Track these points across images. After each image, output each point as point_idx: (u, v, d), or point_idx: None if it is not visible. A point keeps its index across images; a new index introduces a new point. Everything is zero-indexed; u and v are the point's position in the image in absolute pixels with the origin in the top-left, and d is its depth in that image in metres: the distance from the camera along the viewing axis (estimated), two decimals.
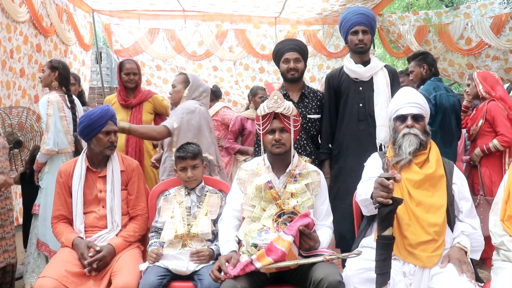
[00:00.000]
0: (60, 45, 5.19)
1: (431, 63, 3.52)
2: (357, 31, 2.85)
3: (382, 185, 1.77)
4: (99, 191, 2.50)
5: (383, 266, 1.79)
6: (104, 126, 2.48)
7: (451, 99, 3.43)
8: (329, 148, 2.97)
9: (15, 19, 4.19)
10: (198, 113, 2.94)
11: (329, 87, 2.99)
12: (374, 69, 2.86)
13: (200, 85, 3.11)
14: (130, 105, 3.64)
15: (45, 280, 2.10)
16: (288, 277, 2.10)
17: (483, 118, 3.57)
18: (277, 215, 2.18)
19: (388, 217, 1.79)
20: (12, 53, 4.21)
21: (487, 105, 3.57)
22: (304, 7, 6.09)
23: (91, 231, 2.46)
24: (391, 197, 1.77)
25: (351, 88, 2.90)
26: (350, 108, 2.89)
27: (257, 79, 6.65)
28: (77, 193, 2.47)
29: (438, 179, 2.19)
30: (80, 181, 2.49)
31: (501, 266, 2.01)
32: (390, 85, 2.86)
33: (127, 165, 2.60)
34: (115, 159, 2.58)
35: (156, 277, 2.15)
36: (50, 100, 3.14)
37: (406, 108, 2.25)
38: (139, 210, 2.57)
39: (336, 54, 6.78)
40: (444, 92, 3.42)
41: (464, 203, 2.19)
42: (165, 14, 6.40)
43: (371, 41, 2.92)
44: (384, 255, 1.79)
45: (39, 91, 4.83)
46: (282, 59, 2.93)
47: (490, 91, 3.61)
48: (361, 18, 2.85)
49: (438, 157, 2.25)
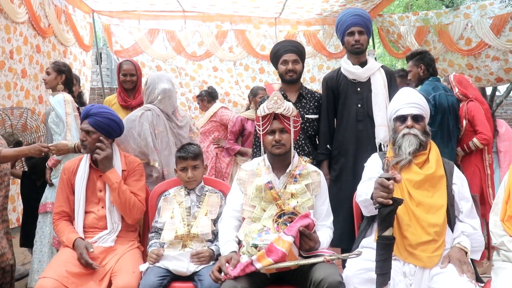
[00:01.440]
0: (59, 46, 5.20)
1: (429, 63, 3.53)
2: (353, 32, 2.87)
3: (382, 185, 1.77)
4: (99, 190, 2.50)
5: (383, 267, 1.79)
6: (81, 124, 2.54)
7: (450, 98, 3.44)
8: (327, 148, 2.98)
9: (14, 20, 4.19)
10: (138, 121, 2.83)
11: (327, 88, 3.01)
12: (371, 70, 2.89)
13: (155, 88, 2.94)
14: (130, 106, 3.64)
15: (45, 281, 2.10)
16: (288, 278, 2.10)
17: (465, 119, 3.59)
18: (277, 215, 2.18)
19: (389, 218, 1.79)
20: (12, 53, 4.21)
21: (467, 105, 3.60)
22: (304, 7, 6.10)
23: (91, 231, 2.45)
24: (391, 197, 1.77)
25: (349, 89, 2.92)
26: (348, 109, 2.91)
27: (257, 80, 6.65)
28: (80, 191, 2.47)
29: (438, 180, 2.19)
30: (83, 179, 2.49)
31: (502, 266, 2.02)
32: (388, 86, 2.88)
33: (128, 163, 2.59)
34: (117, 158, 2.56)
35: (156, 277, 2.15)
36: (66, 100, 3.18)
37: (406, 108, 2.26)
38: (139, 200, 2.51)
39: (336, 54, 6.78)
40: (443, 92, 3.43)
41: (464, 203, 2.19)
42: (165, 15, 6.41)
43: (367, 42, 2.94)
44: (384, 255, 1.79)
45: (42, 91, 4.84)
46: (280, 61, 2.93)
47: (467, 93, 3.64)
48: (356, 19, 2.86)
49: (438, 157, 2.25)
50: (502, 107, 10.62)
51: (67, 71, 3.33)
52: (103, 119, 2.50)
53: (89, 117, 2.49)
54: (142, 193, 2.56)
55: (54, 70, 3.30)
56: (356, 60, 2.92)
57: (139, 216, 2.54)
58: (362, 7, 6.09)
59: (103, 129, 2.50)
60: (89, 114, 2.50)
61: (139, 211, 2.51)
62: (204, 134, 5.02)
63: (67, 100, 3.17)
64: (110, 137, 2.55)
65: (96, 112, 2.50)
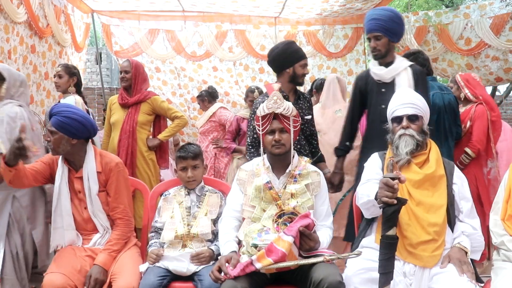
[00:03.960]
0: (55, 46, 5.16)
1: (423, 62, 3.43)
2: (370, 38, 2.87)
3: (388, 185, 1.80)
4: (78, 191, 2.44)
5: (386, 266, 1.80)
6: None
7: (446, 97, 3.39)
8: (346, 145, 3.04)
9: (14, 20, 4.18)
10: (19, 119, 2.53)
11: (355, 88, 3.05)
12: (395, 71, 2.85)
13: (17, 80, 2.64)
14: (127, 104, 3.65)
15: (54, 276, 2.10)
16: (288, 278, 2.10)
17: (470, 120, 3.58)
18: (277, 215, 2.17)
19: (393, 217, 1.81)
20: (10, 53, 4.20)
21: (475, 108, 3.59)
22: (304, 7, 6.09)
23: (86, 234, 2.45)
24: (396, 197, 1.79)
25: (375, 89, 2.93)
26: (374, 109, 2.93)
27: (257, 79, 6.64)
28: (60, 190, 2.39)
29: (438, 179, 2.19)
30: (63, 177, 2.41)
31: (501, 266, 2.02)
32: (414, 85, 2.83)
33: (104, 165, 2.45)
34: (91, 159, 2.43)
35: (156, 277, 2.15)
36: (77, 102, 3.20)
37: (401, 109, 2.27)
38: (118, 213, 2.43)
39: (336, 54, 6.76)
40: (438, 91, 3.39)
41: (464, 203, 2.19)
42: (165, 15, 6.40)
43: (387, 43, 2.86)
44: (388, 254, 1.81)
45: (34, 91, 4.79)
46: (301, 63, 2.91)
47: (477, 93, 3.62)
48: (371, 24, 2.83)
49: (438, 156, 2.25)
50: (502, 107, 10.63)
51: (78, 73, 3.34)
52: (63, 118, 2.34)
53: (52, 117, 2.37)
54: (123, 200, 2.45)
55: (66, 73, 3.30)
56: (382, 61, 2.92)
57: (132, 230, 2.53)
58: (362, 7, 6.09)
59: (64, 128, 2.33)
60: (52, 114, 2.37)
61: (130, 231, 2.49)
62: (203, 134, 5.03)
63: (78, 102, 3.18)
64: (75, 137, 2.38)
65: (57, 111, 2.37)
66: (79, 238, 2.44)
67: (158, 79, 6.54)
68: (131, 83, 3.66)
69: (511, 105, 11.08)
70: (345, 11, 6.28)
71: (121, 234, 2.41)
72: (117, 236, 2.39)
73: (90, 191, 2.41)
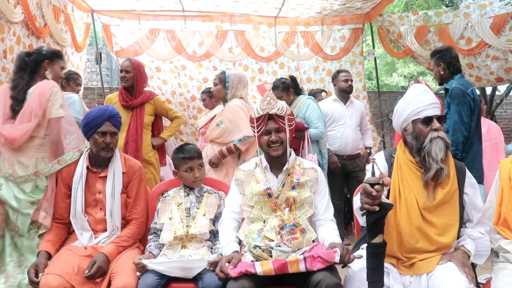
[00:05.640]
0: (54, 46, 5.13)
1: (449, 61, 3.37)
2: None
3: (366, 192, 1.68)
4: (98, 192, 2.46)
5: (374, 275, 1.73)
6: (99, 126, 2.44)
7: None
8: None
9: (10, 19, 4.15)
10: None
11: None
12: None
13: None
14: (132, 106, 3.61)
15: (51, 277, 2.09)
16: (288, 278, 2.08)
17: None
18: (279, 227, 2.15)
19: (377, 225, 1.70)
20: (6, 53, 4.18)
21: None
22: (303, 4, 6.04)
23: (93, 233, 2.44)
24: (379, 203, 1.69)
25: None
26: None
27: (256, 80, 6.64)
28: (77, 193, 2.43)
29: (451, 195, 2.04)
30: (80, 180, 2.45)
31: (502, 267, 2.02)
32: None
33: (129, 167, 2.54)
34: (117, 160, 2.52)
35: (155, 277, 2.14)
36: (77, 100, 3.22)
37: (429, 109, 2.02)
38: (135, 213, 2.50)
39: (332, 56, 6.73)
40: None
41: (475, 213, 2.08)
42: (165, 15, 6.39)
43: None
44: (374, 263, 1.73)
45: None
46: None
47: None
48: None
49: (453, 166, 2.08)
50: (502, 107, 10.61)
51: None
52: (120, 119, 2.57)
53: (109, 119, 2.48)
54: (141, 203, 2.53)
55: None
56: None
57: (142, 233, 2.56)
58: (362, 6, 6.07)
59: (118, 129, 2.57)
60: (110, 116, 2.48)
61: (141, 234, 2.53)
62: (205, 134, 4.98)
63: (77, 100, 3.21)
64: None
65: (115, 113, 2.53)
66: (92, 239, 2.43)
67: (159, 79, 6.53)
68: (131, 83, 3.62)
69: (511, 105, 11.05)
70: (344, 10, 6.26)
71: (133, 234, 2.46)
72: (129, 234, 2.44)
73: (114, 190, 2.45)
